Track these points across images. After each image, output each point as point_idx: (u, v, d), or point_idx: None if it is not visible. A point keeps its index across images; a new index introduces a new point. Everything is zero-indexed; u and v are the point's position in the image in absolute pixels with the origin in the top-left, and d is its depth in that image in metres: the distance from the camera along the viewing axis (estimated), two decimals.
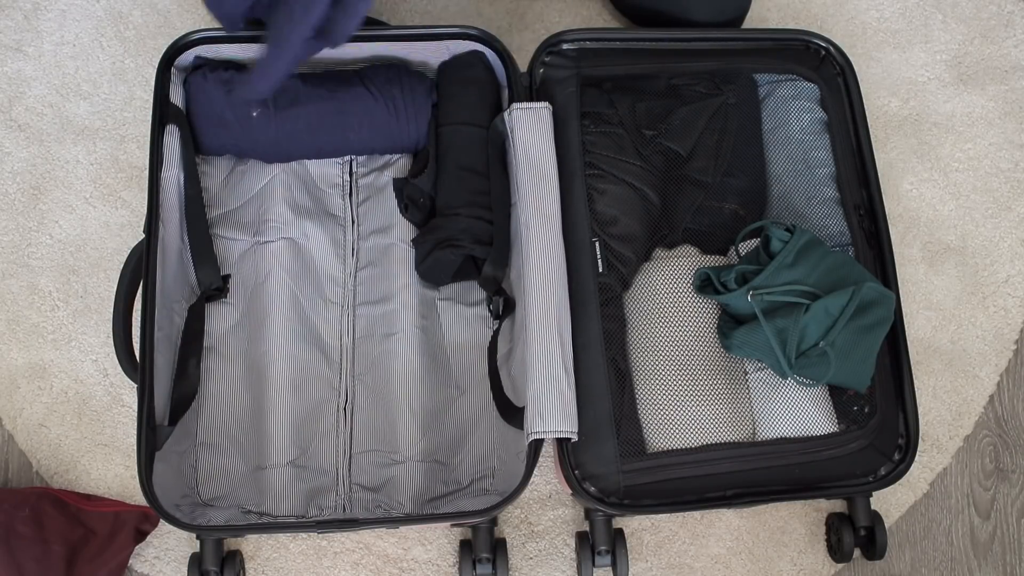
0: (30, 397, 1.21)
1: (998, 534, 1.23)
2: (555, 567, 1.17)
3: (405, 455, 1.12)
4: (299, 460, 1.11)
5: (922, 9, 1.43)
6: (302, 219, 1.18)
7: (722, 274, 1.07)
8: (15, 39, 1.33)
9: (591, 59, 1.19)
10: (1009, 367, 1.28)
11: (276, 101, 1.15)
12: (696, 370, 1.08)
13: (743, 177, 1.17)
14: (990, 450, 1.26)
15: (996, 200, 1.35)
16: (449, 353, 1.17)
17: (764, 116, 1.20)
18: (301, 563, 1.16)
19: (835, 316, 1.02)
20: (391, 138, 1.19)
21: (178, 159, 1.13)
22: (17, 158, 1.29)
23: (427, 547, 1.17)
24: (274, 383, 1.12)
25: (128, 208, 1.27)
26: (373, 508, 1.09)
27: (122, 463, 1.19)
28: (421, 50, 1.19)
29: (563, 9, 1.39)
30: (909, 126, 1.37)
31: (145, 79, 1.32)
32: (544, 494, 1.20)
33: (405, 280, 1.17)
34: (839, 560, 1.18)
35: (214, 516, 1.06)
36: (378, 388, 1.15)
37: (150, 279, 1.05)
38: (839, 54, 1.22)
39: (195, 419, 1.12)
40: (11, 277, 1.24)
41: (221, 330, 1.15)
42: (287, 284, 1.16)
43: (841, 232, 1.15)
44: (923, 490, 1.23)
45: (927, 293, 1.30)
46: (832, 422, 1.08)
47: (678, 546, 1.19)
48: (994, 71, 1.40)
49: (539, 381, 1.01)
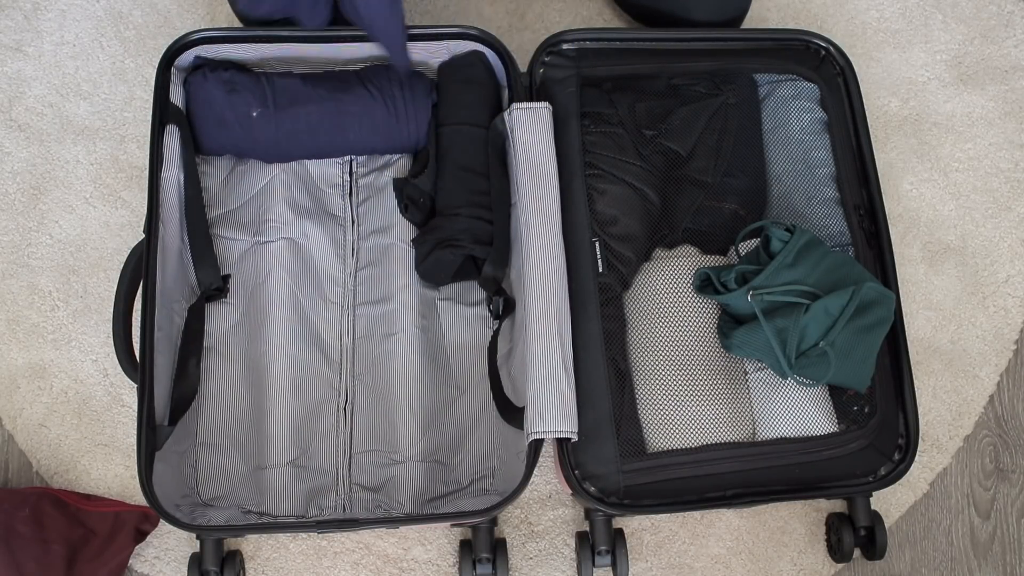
0: (30, 397, 1.21)
1: (998, 534, 1.23)
2: (555, 567, 1.17)
3: (405, 455, 1.12)
4: (299, 460, 1.11)
5: (922, 9, 1.43)
6: (302, 219, 1.18)
7: (722, 274, 1.07)
8: (15, 39, 1.33)
9: (591, 59, 1.19)
10: (1009, 367, 1.28)
11: (276, 101, 1.15)
12: (696, 370, 1.08)
13: (743, 177, 1.17)
14: (990, 450, 1.26)
15: (996, 200, 1.35)
16: (449, 353, 1.17)
17: (764, 116, 1.20)
18: (301, 563, 1.16)
19: (835, 316, 1.02)
20: (391, 138, 1.19)
21: (178, 159, 1.13)
22: (17, 158, 1.29)
23: (427, 547, 1.17)
24: (274, 383, 1.12)
25: (128, 208, 1.27)
26: (373, 508, 1.09)
27: (122, 463, 1.19)
28: (421, 50, 1.19)
29: (563, 9, 1.39)
30: (909, 126, 1.37)
31: (145, 79, 1.32)
32: (544, 494, 1.20)
33: (405, 280, 1.17)
34: (839, 560, 1.18)
35: (214, 516, 1.06)
36: (378, 388, 1.15)
37: (150, 279, 1.05)
38: (839, 54, 1.22)
39: (195, 419, 1.12)
40: (11, 277, 1.24)
41: (221, 330, 1.15)
42: (287, 284, 1.16)
43: (841, 232, 1.15)
44: (923, 490, 1.23)
45: (927, 293, 1.30)
46: (832, 422, 1.08)
47: (678, 546, 1.19)
48: (994, 71, 1.40)
49: (539, 381, 1.01)
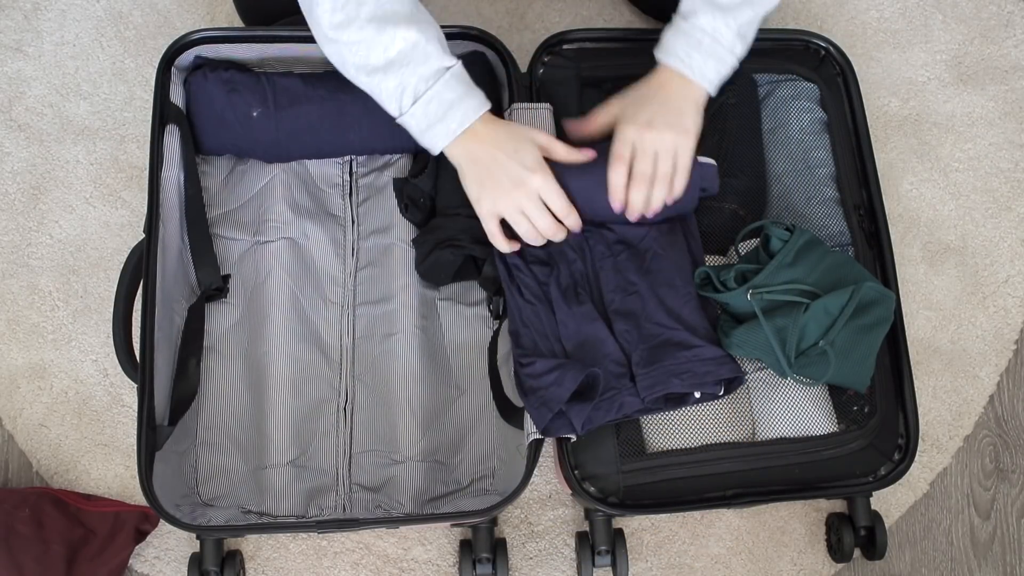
0: (30, 397, 1.21)
1: (998, 534, 1.23)
2: (555, 567, 1.17)
3: (405, 455, 1.12)
4: (299, 460, 1.11)
5: (922, 9, 1.43)
6: (302, 219, 1.18)
7: (722, 273, 1.06)
8: (15, 39, 1.33)
9: (591, 59, 1.19)
10: (1009, 367, 1.28)
11: (276, 101, 1.15)
12: None
13: (743, 177, 1.16)
14: (990, 450, 1.26)
15: (996, 200, 1.35)
16: (449, 353, 1.17)
17: (764, 116, 1.20)
18: (301, 563, 1.16)
19: (835, 315, 1.02)
20: (391, 138, 1.19)
21: (178, 159, 1.13)
22: (17, 158, 1.29)
23: (427, 547, 1.17)
24: (274, 383, 1.12)
25: (128, 208, 1.27)
26: (373, 508, 1.09)
27: (122, 463, 1.19)
28: None
29: (563, 9, 1.39)
30: (909, 126, 1.37)
31: (145, 79, 1.32)
32: (544, 494, 1.20)
33: (405, 280, 1.17)
34: (839, 560, 1.18)
35: (214, 516, 1.06)
36: (378, 388, 1.15)
37: (150, 279, 1.05)
38: (839, 54, 1.22)
39: (195, 419, 1.12)
40: (11, 277, 1.24)
41: (221, 330, 1.15)
42: (287, 284, 1.16)
43: (841, 232, 1.15)
44: (923, 490, 1.23)
45: (927, 293, 1.30)
46: (832, 422, 1.08)
47: (678, 546, 1.19)
48: (994, 71, 1.40)
49: None
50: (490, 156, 1.00)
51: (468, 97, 0.99)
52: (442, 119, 0.99)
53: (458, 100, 0.98)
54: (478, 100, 1.00)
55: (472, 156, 1.01)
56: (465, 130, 0.99)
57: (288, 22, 1.20)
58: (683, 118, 1.02)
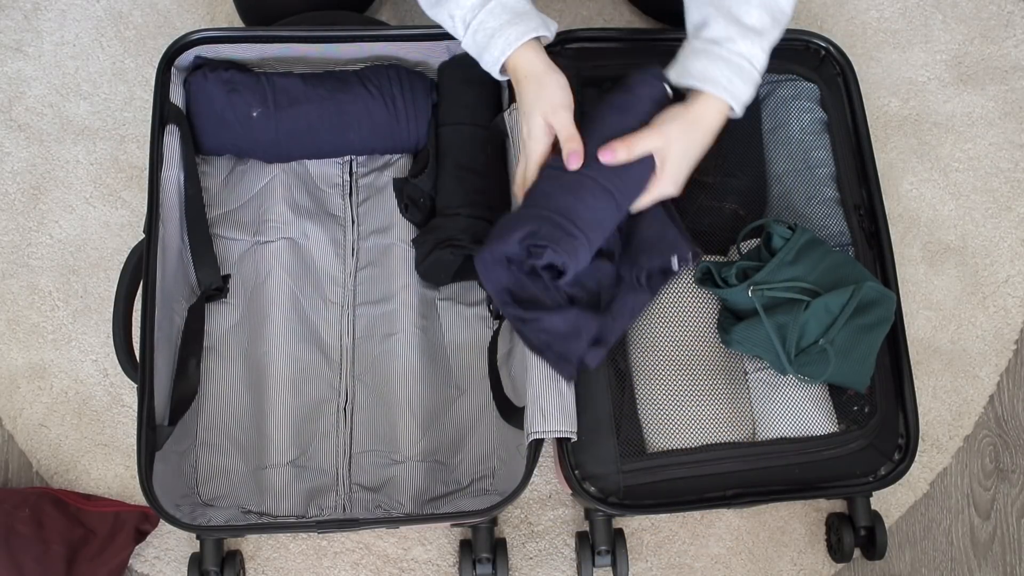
0: (30, 397, 1.21)
1: (998, 534, 1.23)
2: (555, 567, 1.17)
3: (405, 455, 1.12)
4: (299, 460, 1.11)
5: (922, 9, 1.43)
6: (302, 219, 1.18)
7: (723, 269, 1.06)
8: (15, 39, 1.33)
9: (591, 59, 1.19)
10: (1009, 367, 1.28)
11: (276, 101, 1.15)
12: (696, 370, 1.08)
13: (743, 177, 1.16)
14: (990, 450, 1.26)
15: (996, 200, 1.35)
16: (449, 353, 1.17)
17: (764, 116, 1.20)
18: (301, 563, 1.16)
19: (835, 314, 1.02)
20: (391, 138, 1.19)
21: (178, 159, 1.13)
22: (17, 158, 1.29)
23: (427, 547, 1.17)
24: (274, 383, 1.12)
25: (128, 208, 1.27)
26: (373, 508, 1.09)
27: (122, 463, 1.19)
28: (421, 50, 1.18)
29: (563, 9, 1.39)
30: (909, 126, 1.37)
31: (145, 79, 1.32)
32: (544, 494, 1.20)
33: (405, 280, 1.17)
34: (839, 560, 1.18)
35: (214, 516, 1.06)
36: (378, 388, 1.15)
37: (150, 279, 1.05)
38: (839, 54, 1.22)
39: (195, 419, 1.12)
40: (11, 277, 1.24)
41: (221, 330, 1.15)
42: (287, 284, 1.16)
43: (841, 232, 1.15)
44: (923, 490, 1.23)
45: (927, 293, 1.30)
46: (832, 422, 1.08)
47: (678, 546, 1.19)
48: (994, 71, 1.40)
49: (539, 381, 1.01)
50: (520, 98, 1.00)
51: (509, 25, 0.97)
52: (486, 47, 0.98)
53: (499, 29, 0.97)
54: (519, 28, 0.97)
55: (516, 85, 1.01)
56: (508, 58, 0.98)
57: (288, 22, 1.20)
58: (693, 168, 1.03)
